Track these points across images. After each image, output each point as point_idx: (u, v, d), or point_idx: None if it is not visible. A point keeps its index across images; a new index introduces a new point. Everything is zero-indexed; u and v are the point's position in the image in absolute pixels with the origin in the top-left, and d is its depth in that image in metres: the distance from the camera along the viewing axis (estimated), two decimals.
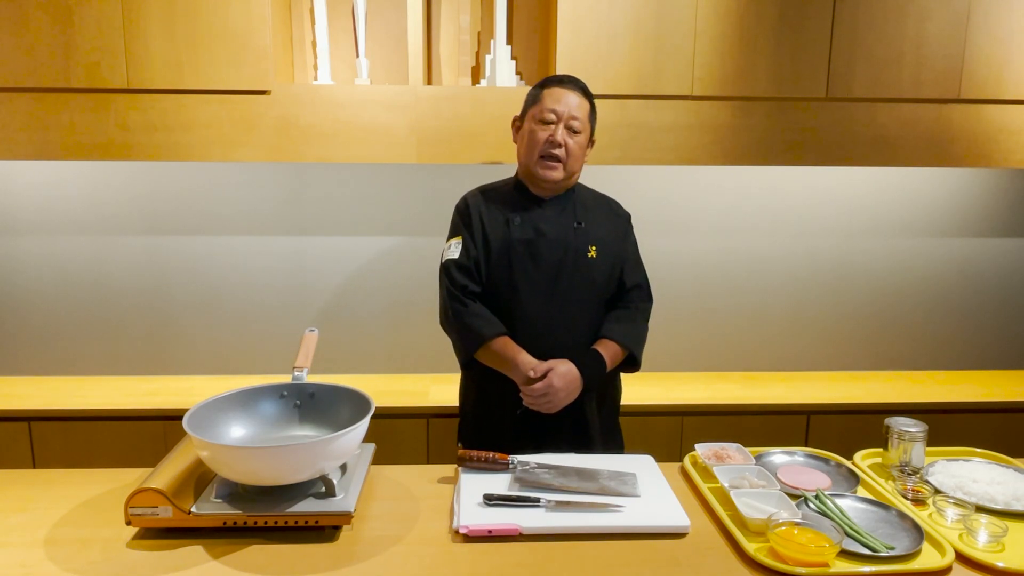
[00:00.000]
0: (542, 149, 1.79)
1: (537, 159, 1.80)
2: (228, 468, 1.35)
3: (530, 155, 1.82)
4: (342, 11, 2.54)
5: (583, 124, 1.81)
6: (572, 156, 1.81)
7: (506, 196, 1.90)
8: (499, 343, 1.80)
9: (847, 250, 2.81)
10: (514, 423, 1.86)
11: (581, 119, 1.80)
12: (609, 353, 1.84)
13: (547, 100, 1.80)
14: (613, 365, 1.87)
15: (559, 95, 1.79)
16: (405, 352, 2.77)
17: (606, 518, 1.40)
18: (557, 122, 1.78)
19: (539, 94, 1.83)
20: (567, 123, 1.78)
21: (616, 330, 1.87)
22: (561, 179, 1.83)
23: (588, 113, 1.83)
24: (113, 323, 2.71)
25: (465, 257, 1.85)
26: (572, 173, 1.85)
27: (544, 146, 1.79)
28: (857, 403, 2.50)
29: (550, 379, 1.74)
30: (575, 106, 1.79)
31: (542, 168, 1.81)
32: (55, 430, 2.36)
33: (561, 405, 1.77)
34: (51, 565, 1.27)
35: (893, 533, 1.36)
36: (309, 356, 1.70)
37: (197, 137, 2.30)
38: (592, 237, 1.87)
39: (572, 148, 1.80)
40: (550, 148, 1.78)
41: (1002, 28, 2.37)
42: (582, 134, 1.81)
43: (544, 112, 1.79)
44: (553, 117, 1.78)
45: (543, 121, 1.79)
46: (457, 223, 1.91)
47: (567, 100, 1.79)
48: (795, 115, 2.39)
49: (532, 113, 1.83)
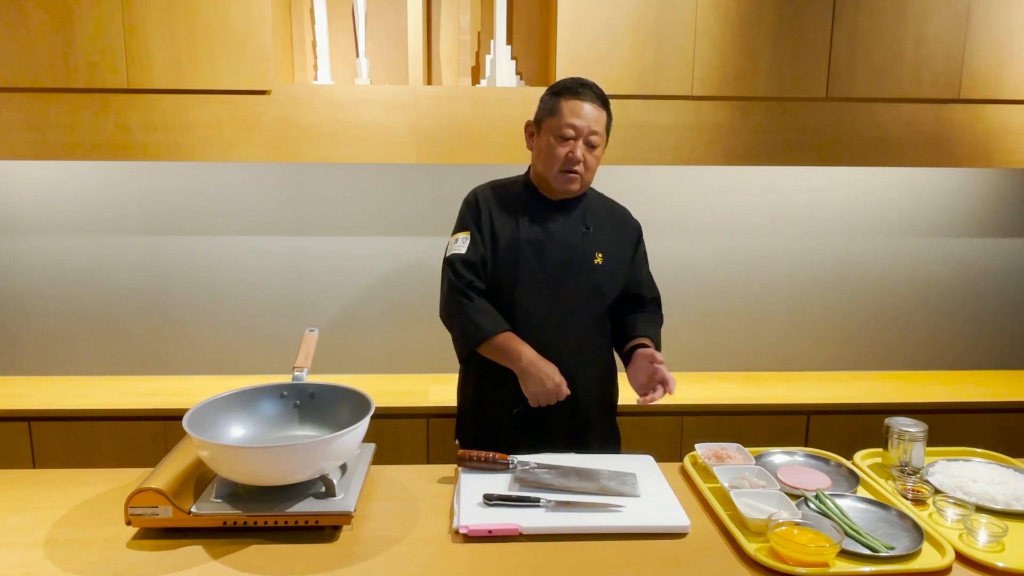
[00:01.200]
0: (562, 166, 1.77)
1: (556, 173, 1.78)
2: (228, 468, 1.35)
3: (549, 169, 1.79)
4: (342, 11, 2.54)
5: (601, 138, 1.78)
6: (591, 169, 1.80)
7: (516, 195, 1.89)
8: (502, 339, 1.80)
9: (847, 250, 2.81)
10: (512, 421, 1.86)
11: (600, 132, 1.76)
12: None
13: (566, 114, 1.74)
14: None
15: (578, 109, 1.73)
16: (405, 352, 2.77)
17: (606, 518, 1.40)
18: (576, 138, 1.74)
19: (557, 105, 1.76)
20: (587, 139, 1.75)
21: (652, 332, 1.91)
22: (578, 191, 1.84)
23: (606, 125, 1.79)
24: (113, 323, 2.71)
25: (472, 253, 1.84)
26: (587, 185, 1.86)
27: (564, 163, 1.76)
28: (857, 403, 2.50)
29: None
30: (594, 120, 1.74)
31: (561, 183, 1.79)
32: (55, 430, 2.36)
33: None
34: (51, 565, 1.27)
35: (893, 533, 1.36)
36: (309, 356, 1.70)
37: (197, 137, 2.30)
38: (599, 243, 1.87)
39: (591, 163, 1.78)
40: (570, 165, 1.76)
41: (1002, 28, 2.37)
42: (600, 147, 1.79)
43: (563, 128, 1.74)
44: (572, 133, 1.73)
45: (562, 137, 1.74)
46: (466, 217, 1.88)
47: (586, 114, 1.73)
48: (795, 115, 2.39)
49: (549, 125, 1.77)
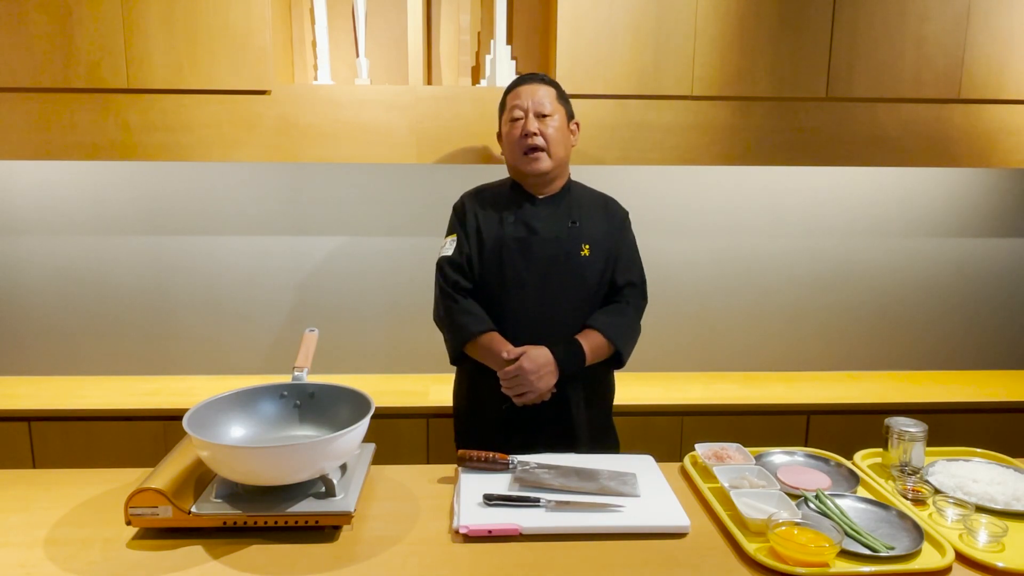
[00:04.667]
0: (521, 144, 1.83)
1: (520, 156, 1.84)
2: (228, 468, 1.35)
3: (514, 155, 1.86)
4: (342, 11, 2.54)
5: (552, 107, 1.85)
6: (552, 141, 1.83)
7: (502, 195, 1.93)
8: (486, 339, 1.82)
9: (847, 250, 2.81)
10: (500, 419, 1.87)
11: (547, 102, 1.84)
12: (589, 343, 1.82)
13: (509, 101, 1.88)
14: (595, 356, 1.84)
15: (520, 92, 1.87)
16: (405, 352, 2.77)
17: (606, 518, 1.40)
18: (525, 115, 1.84)
19: (503, 102, 1.91)
20: (535, 111, 1.83)
21: (600, 320, 1.86)
22: (551, 168, 1.85)
23: (554, 96, 1.87)
24: (113, 323, 2.71)
25: (458, 254, 1.88)
26: (560, 161, 1.86)
27: (521, 140, 1.83)
28: (857, 403, 2.50)
29: (520, 362, 1.76)
30: (537, 94, 1.85)
31: (528, 164, 1.84)
32: (55, 430, 2.36)
33: (536, 391, 1.76)
34: (51, 565, 1.27)
35: (893, 533, 1.36)
36: (309, 356, 1.70)
37: (197, 137, 2.30)
38: (586, 236, 1.88)
39: (549, 133, 1.83)
40: (526, 140, 1.82)
41: (1002, 28, 2.37)
42: (554, 116, 1.84)
43: (512, 111, 1.86)
44: (520, 113, 1.85)
45: (513, 119, 1.86)
46: (453, 222, 1.95)
47: (527, 92, 1.85)
48: (795, 115, 2.39)
49: (503, 119, 1.91)
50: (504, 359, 1.78)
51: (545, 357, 1.77)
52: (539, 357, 1.77)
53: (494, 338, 1.82)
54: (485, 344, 1.82)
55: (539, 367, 1.76)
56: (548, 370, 1.77)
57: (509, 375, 1.77)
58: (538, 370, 1.76)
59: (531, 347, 1.79)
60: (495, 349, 1.80)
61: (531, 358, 1.76)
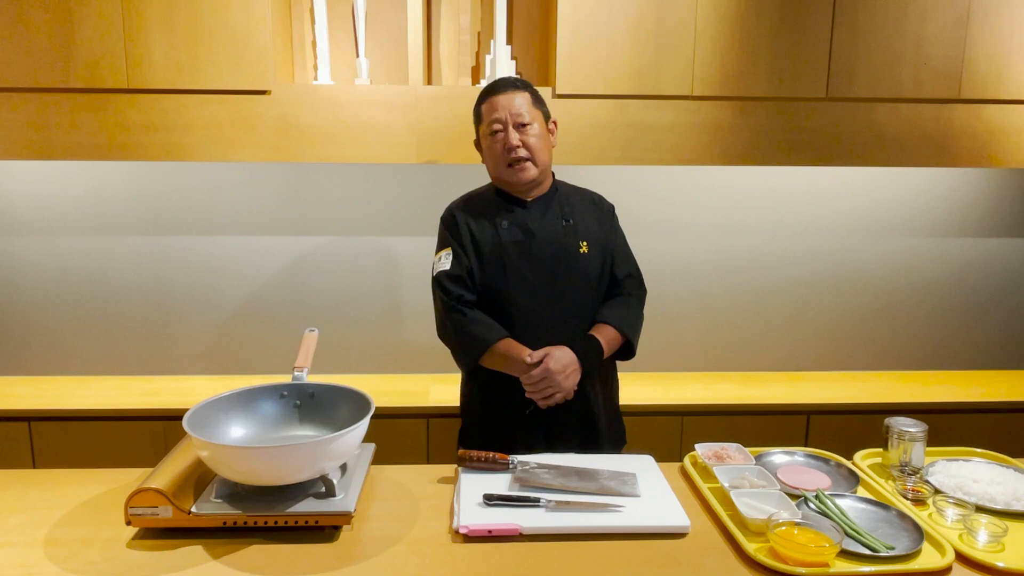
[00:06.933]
0: (504, 158, 1.82)
1: (505, 168, 1.84)
2: (228, 468, 1.35)
3: (498, 167, 1.86)
4: (342, 11, 2.54)
5: (530, 114, 1.83)
6: (535, 149, 1.83)
7: (490, 202, 1.92)
8: (503, 346, 1.81)
9: (847, 250, 2.81)
10: (523, 423, 1.86)
11: (524, 111, 1.82)
12: (605, 337, 1.86)
13: (486, 114, 1.85)
14: (611, 349, 1.88)
15: (494, 103, 1.83)
16: (405, 352, 2.76)
17: (606, 518, 1.40)
18: (505, 127, 1.81)
19: (479, 112, 1.88)
20: (514, 122, 1.81)
21: (611, 315, 1.89)
22: (536, 175, 1.85)
23: (530, 102, 1.85)
24: (113, 323, 2.71)
25: (457, 267, 1.86)
26: (545, 165, 1.87)
27: (504, 155, 1.82)
28: (857, 403, 2.50)
29: (546, 364, 1.76)
30: (512, 104, 1.82)
31: (513, 175, 1.83)
32: (55, 430, 2.36)
33: (563, 391, 1.77)
34: (51, 565, 1.27)
35: (893, 533, 1.36)
36: (309, 356, 1.70)
37: (197, 137, 2.30)
38: (582, 233, 1.89)
39: (531, 143, 1.82)
40: (510, 155, 1.81)
41: (1002, 28, 2.37)
42: (533, 124, 1.83)
43: (491, 125, 1.83)
44: (499, 126, 1.82)
45: (493, 133, 1.83)
46: (444, 235, 1.92)
47: (502, 104, 1.82)
48: (795, 115, 2.39)
49: (482, 133, 1.88)
50: (528, 363, 1.77)
51: (569, 356, 1.78)
52: (563, 357, 1.78)
53: (511, 344, 1.81)
54: (503, 351, 1.81)
55: (564, 366, 1.77)
56: (573, 368, 1.78)
57: (535, 378, 1.76)
58: (564, 369, 1.76)
59: (553, 348, 1.79)
60: (515, 355, 1.79)
61: (556, 359, 1.76)
